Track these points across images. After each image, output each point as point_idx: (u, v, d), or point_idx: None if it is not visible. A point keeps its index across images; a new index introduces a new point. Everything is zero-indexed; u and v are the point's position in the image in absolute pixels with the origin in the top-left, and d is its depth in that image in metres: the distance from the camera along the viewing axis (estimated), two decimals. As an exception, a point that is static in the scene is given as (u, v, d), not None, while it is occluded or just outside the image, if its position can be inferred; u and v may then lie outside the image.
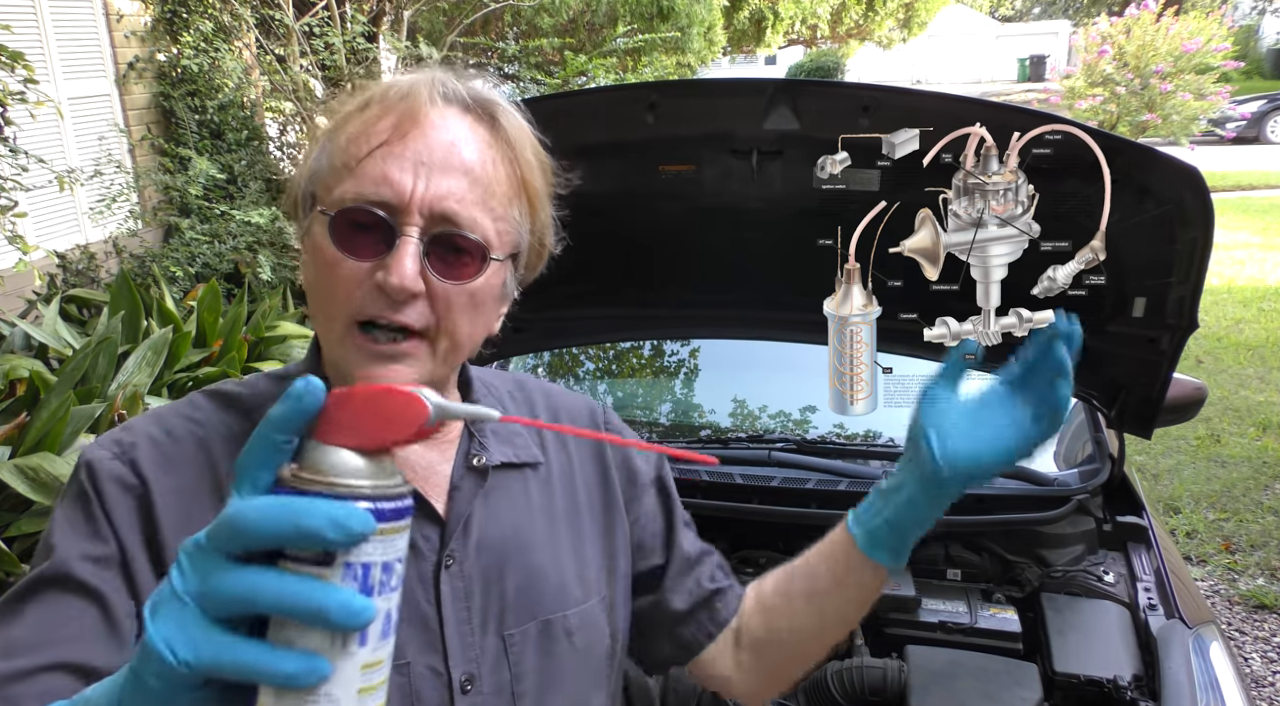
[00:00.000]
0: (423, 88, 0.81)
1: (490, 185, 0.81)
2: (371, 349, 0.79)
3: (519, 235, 0.86)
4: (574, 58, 6.73)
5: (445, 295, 0.80)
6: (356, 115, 0.82)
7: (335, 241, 0.78)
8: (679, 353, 2.89)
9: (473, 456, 0.91)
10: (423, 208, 0.77)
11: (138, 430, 0.84)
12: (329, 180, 0.81)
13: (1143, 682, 1.60)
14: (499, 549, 0.89)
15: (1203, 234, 1.52)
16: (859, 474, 2.02)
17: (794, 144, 1.65)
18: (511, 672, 0.87)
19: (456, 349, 0.83)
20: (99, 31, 6.14)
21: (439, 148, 0.79)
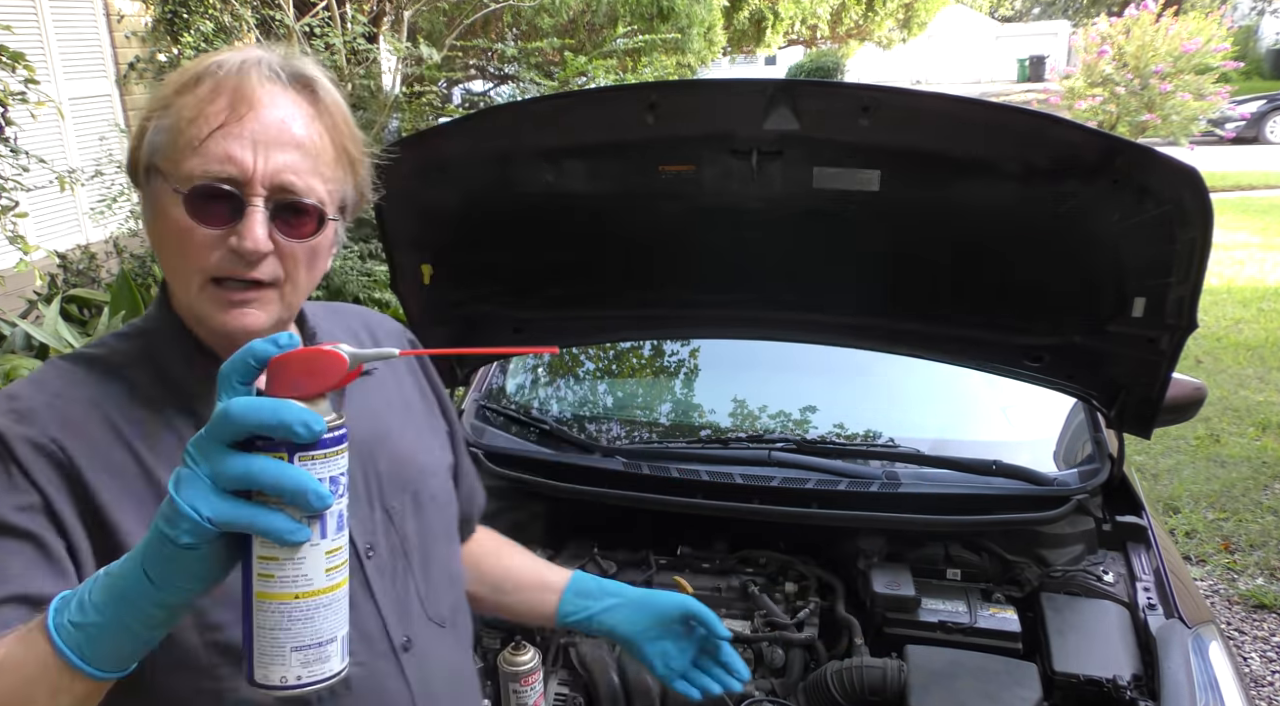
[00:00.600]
0: (251, 69, 0.91)
1: (319, 154, 0.94)
2: (227, 298, 0.92)
3: (345, 192, 0.99)
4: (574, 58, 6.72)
5: (291, 252, 0.93)
6: (190, 91, 0.90)
7: (190, 214, 0.89)
8: (679, 352, 2.89)
9: None
10: (265, 180, 0.89)
11: (25, 398, 0.91)
12: (173, 156, 0.90)
13: (1142, 682, 1.60)
14: (365, 440, 1.05)
15: (1202, 234, 1.52)
16: (859, 474, 2.02)
17: (794, 144, 1.65)
18: (399, 537, 1.06)
19: (299, 294, 0.98)
20: (100, 32, 6.14)
21: (272, 126, 0.90)
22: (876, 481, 1.99)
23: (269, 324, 0.94)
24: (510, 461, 2.11)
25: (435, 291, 1.96)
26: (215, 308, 0.92)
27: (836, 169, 1.69)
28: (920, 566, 1.94)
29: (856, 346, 2.09)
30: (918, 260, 1.91)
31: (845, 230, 1.87)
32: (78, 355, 0.98)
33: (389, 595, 1.03)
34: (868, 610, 1.86)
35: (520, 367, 2.73)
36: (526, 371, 2.76)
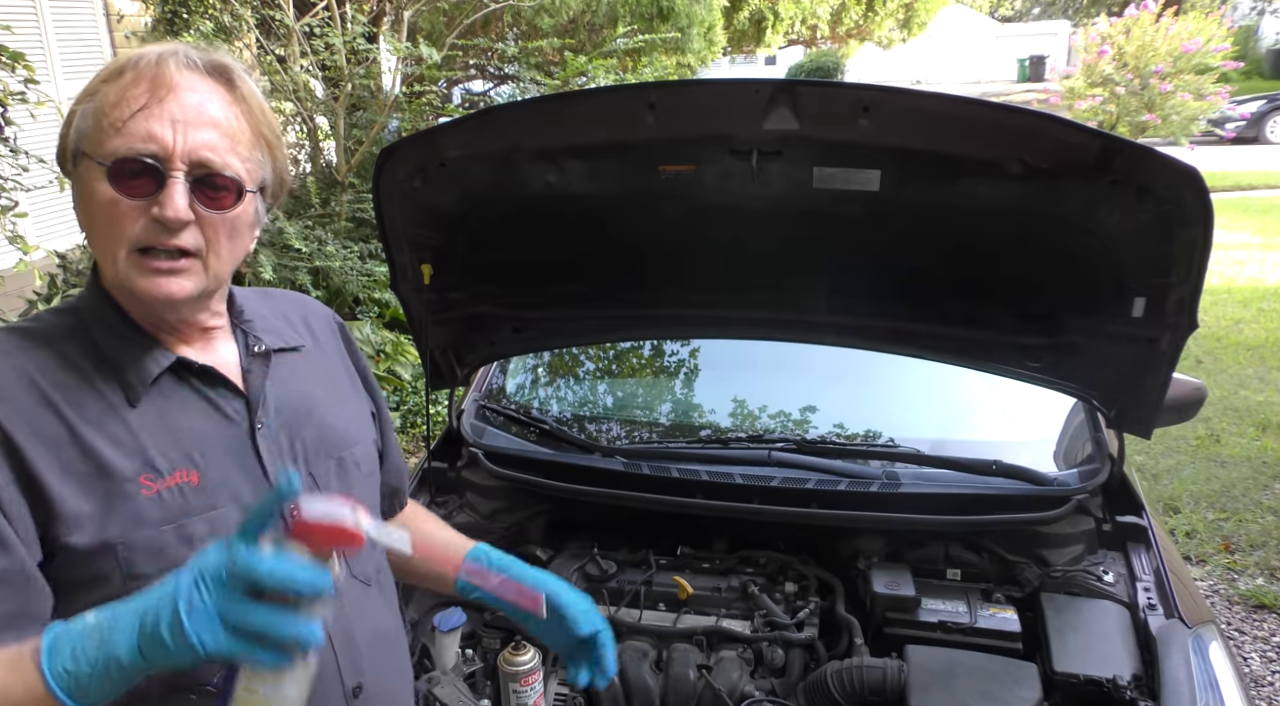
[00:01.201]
0: (169, 58, 0.99)
1: (235, 134, 1.01)
2: (153, 266, 0.98)
3: (263, 173, 1.07)
4: (574, 58, 6.72)
5: (211, 221, 1.00)
6: (113, 81, 0.98)
7: (114, 185, 0.96)
8: (679, 352, 2.89)
9: (252, 345, 1.14)
10: (184, 156, 0.96)
11: None
12: (98, 137, 0.97)
13: (1142, 682, 1.60)
14: (292, 410, 1.14)
15: (1202, 234, 1.52)
16: (859, 474, 2.02)
17: (794, 144, 1.65)
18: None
19: (222, 265, 1.04)
20: (99, 32, 6.14)
21: (190, 107, 0.98)
22: (876, 481, 1.99)
23: (194, 292, 1.01)
24: (510, 461, 2.11)
25: (435, 291, 1.96)
26: (141, 275, 0.98)
27: (836, 169, 1.69)
28: (920, 566, 1.94)
29: (856, 346, 2.09)
30: (918, 260, 1.91)
31: (845, 230, 1.87)
32: (10, 327, 1.05)
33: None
34: (868, 610, 1.86)
35: (520, 368, 2.73)
36: (526, 371, 2.76)
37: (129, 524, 0.96)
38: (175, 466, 1.01)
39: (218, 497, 1.03)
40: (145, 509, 0.98)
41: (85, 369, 1.01)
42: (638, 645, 1.81)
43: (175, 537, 0.99)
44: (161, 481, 0.99)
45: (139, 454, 0.99)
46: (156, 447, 1.01)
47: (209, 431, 1.06)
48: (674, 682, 1.73)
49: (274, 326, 1.20)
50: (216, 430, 1.06)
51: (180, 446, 1.02)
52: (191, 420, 1.05)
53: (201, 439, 1.05)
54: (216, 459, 1.05)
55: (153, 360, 1.03)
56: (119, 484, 0.97)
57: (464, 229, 1.92)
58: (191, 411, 1.06)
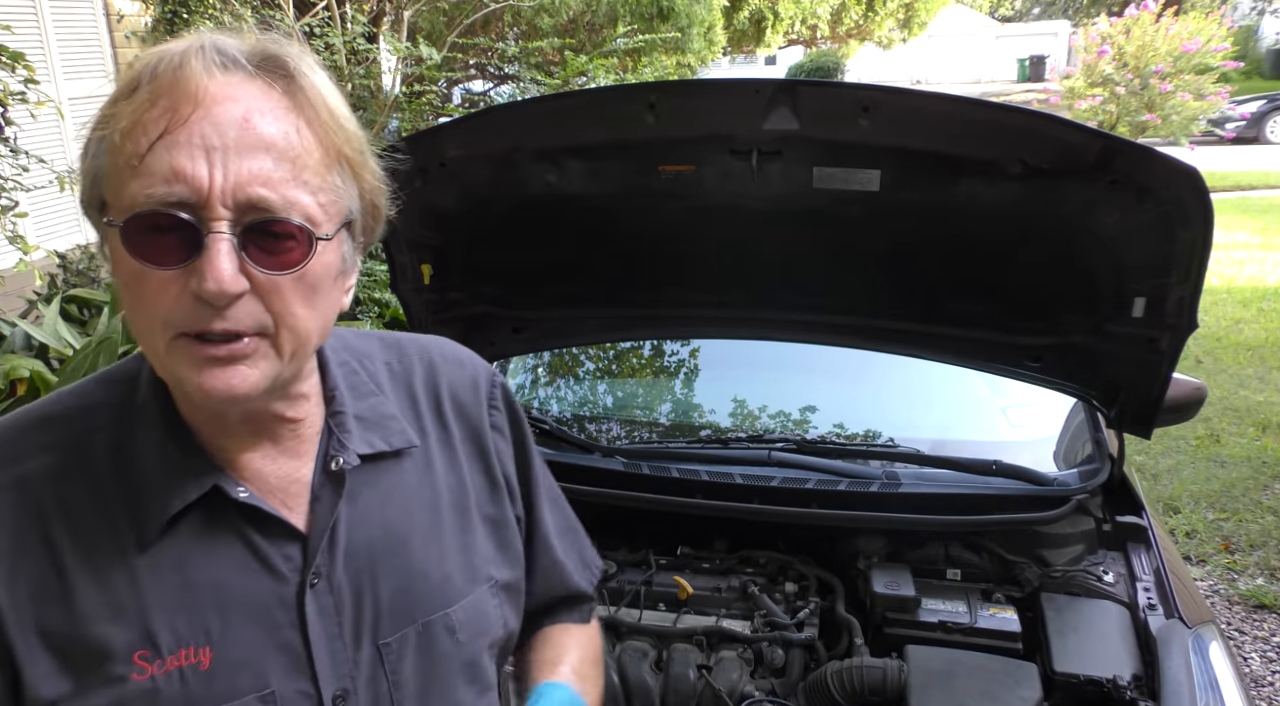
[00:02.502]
0: (193, 57, 0.71)
1: (299, 156, 0.72)
2: (205, 354, 0.71)
3: (347, 202, 0.77)
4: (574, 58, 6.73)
5: (275, 288, 0.72)
6: (125, 101, 0.71)
7: (133, 253, 0.69)
8: (679, 352, 2.89)
9: (331, 458, 0.84)
10: (225, 199, 0.68)
11: None
12: (114, 181, 0.71)
13: (1142, 682, 1.60)
14: (369, 553, 0.84)
15: (1202, 234, 1.52)
16: (859, 474, 2.02)
17: (794, 144, 1.65)
18: (389, 681, 0.84)
19: (302, 343, 0.76)
20: (99, 32, 6.14)
21: (230, 125, 0.69)
22: (876, 481, 1.99)
23: (263, 385, 0.74)
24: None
25: (435, 291, 1.96)
26: (189, 367, 0.71)
27: (836, 169, 1.69)
28: (920, 566, 1.94)
29: (857, 346, 2.09)
30: (917, 260, 1.91)
31: (845, 230, 1.87)
32: (42, 414, 0.81)
33: None
34: (868, 610, 1.86)
35: (520, 367, 2.73)
36: (526, 371, 2.76)
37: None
38: (181, 642, 0.76)
39: (232, 686, 0.77)
40: (133, 700, 0.74)
41: (106, 485, 0.78)
42: (638, 645, 1.81)
43: None
44: (160, 663, 0.75)
45: (137, 622, 0.75)
46: (161, 612, 0.76)
47: (239, 590, 0.78)
48: (674, 682, 1.73)
49: (378, 414, 0.89)
50: (250, 588, 0.79)
51: (193, 612, 0.77)
52: (218, 572, 0.78)
53: (226, 601, 0.78)
54: (241, 629, 0.78)
55: (177, 489, 0.77)
56: (106, 663, 0.74)
57: (464, 229, 1.92)
58: (221, 559, 0.78)
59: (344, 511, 0.83)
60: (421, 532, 0.89)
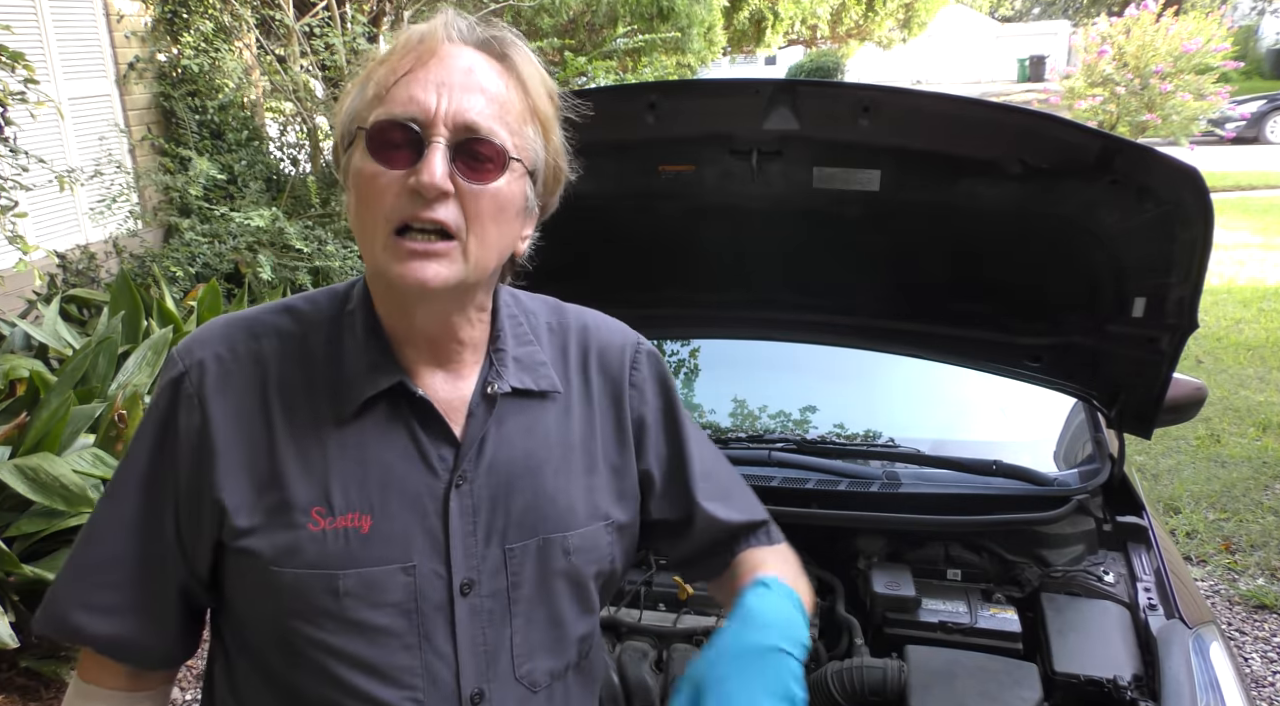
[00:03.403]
0: (439, 27, 0.91)
1: (505, 104, 0.90)
2: (408, 248, 0.87)
3: (535, 153, 0.94)
4: (574, 58, 6.72)
5: (473, 196, 0.88)
6: (384, 61, 0.91)
7: (373, 154, 0.87)
8: (679, 352, 2.89)
9: (489, 384, 0.99)
10: (446, 120, 0.86)
11: (209, 345, 0.96)
12: (364, 112, 0.90)
13: (1143, 682, 1.60)
14: (508, 470, 0.98)
15: (1202, 234, 1.52)
16: (859, 474, 2.01)
17: (794, 144, 1.65)
18: (509, 581, 0.97)
19: (485, 252, 0.91)
20: (99, 31, 6.13)
21: (457, 72, 0.89)
22: (876, 481, 1.98)
23: (451, 280, 0.88)
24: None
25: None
26: (395, 260, 0.87)
27: (836, 169, 1.69)
28: (920, 566, 1.94)
29: (857, 346, 2.09)
30: (917, 260, 1.91)
31: (845, 230, 1.87)
32: (284, 305, 1.00)
33: (475, 640, 0.96)
34: (868, 610, 1.86)
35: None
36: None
37: (284, 553, 0.91)
38: (350, 507, 0.92)
39: (383, 553, 0.92)
40: (305, 544, 0.91)
41: (315, 370, 0.96)
42: (638, 645, 1.81)
43: (321, 586, 0.91)
44: (331, 520, 0.91)
45: (320, 483, 0.92)
46: (339, 480, 0.92)
47: (401, 474, 0.94)
48: (674, 683, 1.73)
49: (534, 359, 1.04)
50: (410, 475, 0.94)
51: (363, 484, 0.93)
52: (388, 456, 0.94)
53: (389, 481, 0.93)
54: (397, 508, 0.93)
55: (371, 381, 0.94)
56: (291, 511, 0.91)
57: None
58: (392, 447, 0.94)
59: (492, 430, 0.98)
60: (554, 464, 1.01)
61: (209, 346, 0.96)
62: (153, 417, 0.96)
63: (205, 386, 0.93)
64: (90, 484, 2.76)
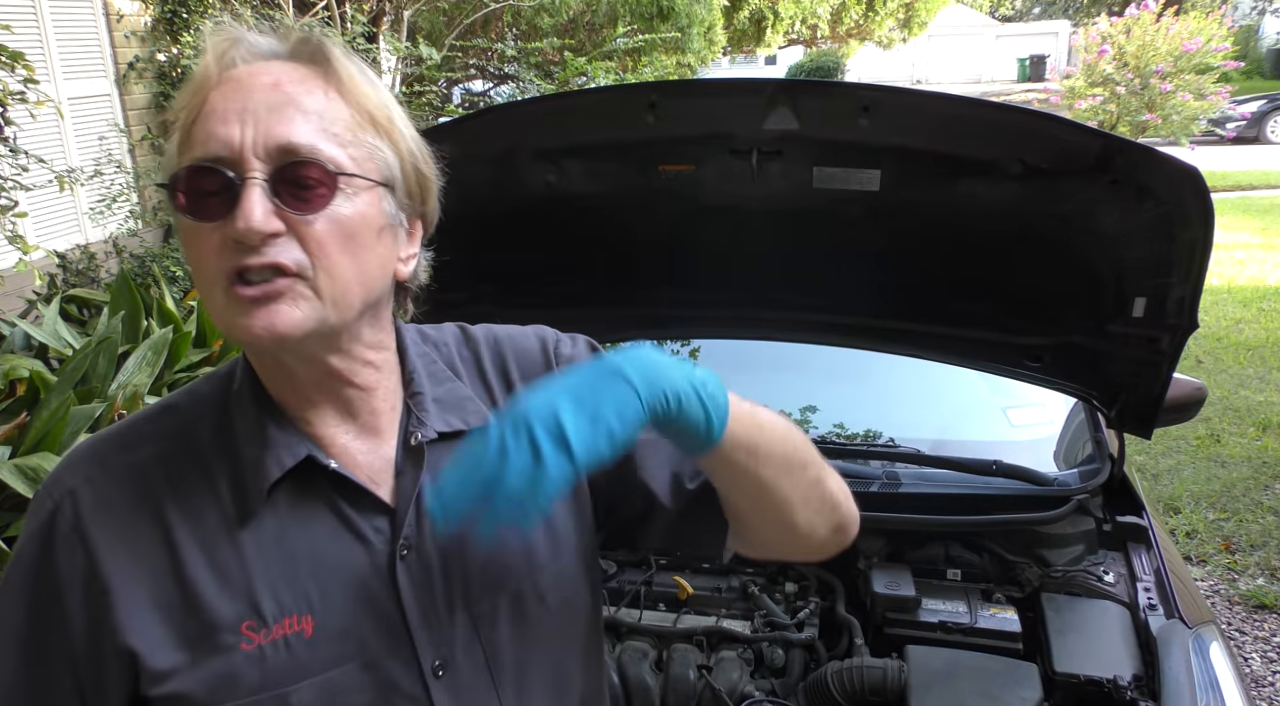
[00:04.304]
0: (230, 47, 0.79)
1: (325, 113, 0.78)
2: (246, 295, 0.74)
3: (382, 162, 0.81)
4: (574, 58, 6.72)
5: (309, 230, 0.75)
6: (184, 100, 0.79)
7: (183, 209, 0.76)
8: (679, 353, 2.89)
9: (410, 434, 0.87)
10: (257, 149, 0.74)
11: (79, 470, 0.82)
12: (172, 166, 0.78)
13: (1143, 682, 1.60)
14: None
15: (1203, 234, 1.52)
16: (858, 474, 2.02)
17: (794, 144, 1.65)
18: (485, 650, 0.86)
19: (342, 286, 0.78)
20: (99, 31, 6.13)
21: (259, 91, 0.76)
22: (877, 481, 1.98)
23: (305, 324, 0.76)
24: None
25: (434, 291, 1.96)
26: (237, 314, 0.75)
27: (836, 169, 1.69)
28: (920, 566, 1.94)
29: (856, 346, 2.09)
30: (917, 260, 1.91)
31: (845, 230, 1.86)
32: (160, 405, 0.88)
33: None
34: (868, 610, 1.86)
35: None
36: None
37: (221, 686, 0.78)
38: (285, 611, 0.79)
39: (335, 654, 0.80)
40: (241, 669, 0.78)
41: (208, 466, 0.83)
42: (638, 645, 1.81)
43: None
44: (266, 632, 0.78)
45: (244, 593, 0.79)
46: (266, 583, 0.79)
47: (335, 560, 0.82)
48: (674, 683, 1.73)
49: (455, 397, 0.92)
50: (345, 558, 0.82)
51: (294, 581, 0.80)
52: (314, 543, 0.82)
53: (323, 571, 0.81)
54: (339, 599, 0.81)
55: (274, 460, 0.81)
56: (217, 634, 0.78)
57: (462, 229, 1.91)
58: (317, 530, 0.82)
59: (427, 484, 0.85)
60: None
61: (78, 472, 0.82)
62: (23, 570, 0.81)
63: (83, 518, 0.79)
64: (90, 484, 2.76)
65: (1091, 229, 1.69)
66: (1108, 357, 1.86)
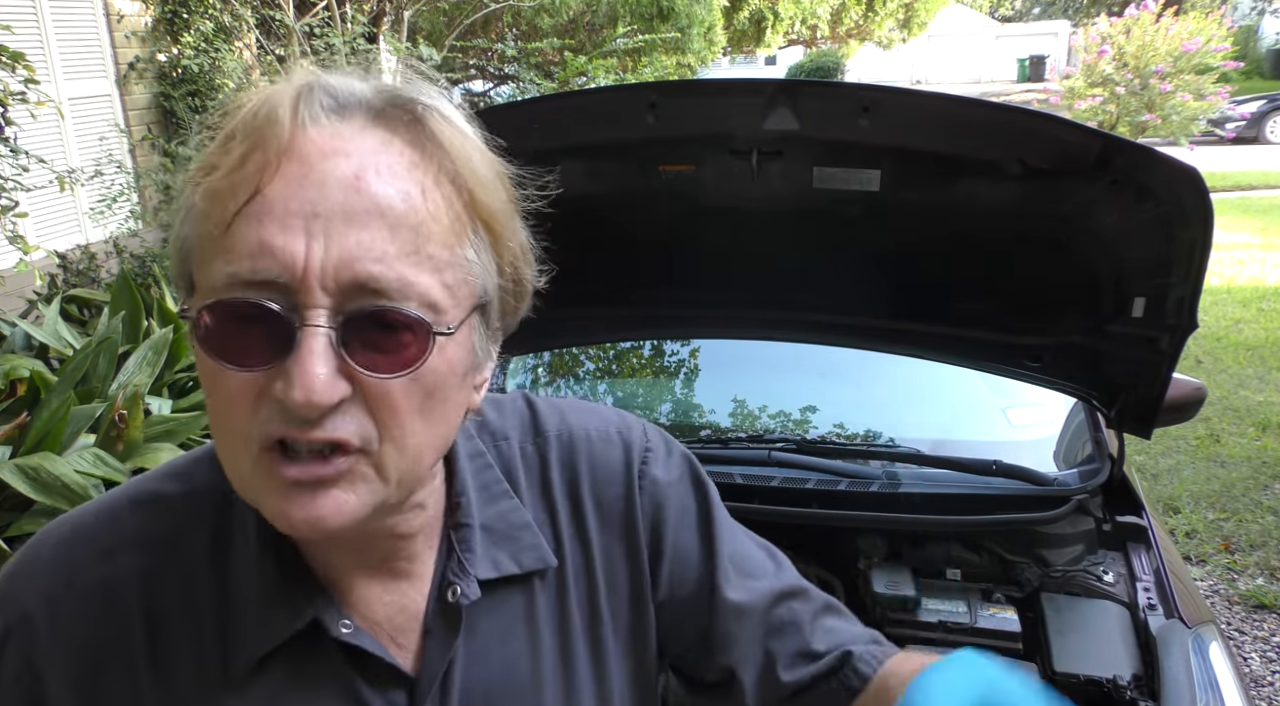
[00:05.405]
0: (299, 101, 0.57)
1: (423, 224, 0.57)
2: (289, 477, 0.56)
3: (481, 280, 0.62)
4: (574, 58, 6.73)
5: (384, 393, 0.57)
6: (220, 156, 0.57)
7: (209, 350, 0.55)
8: (679, 352, 2.89)
9: (448, 586, 0.69)
10: (325, 279, 0.54)
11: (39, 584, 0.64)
12: (199, 256, 0.57)
13: (1142, 682, 1.60)
14: (485, 699, 0.70)
15: (1202, 234, 1.52)
16: (859, 474, 2.02)
17: (794, 144, 1.65)
18: None
19: (412, 465, 0.60)
20: (99, 32, 6.14)
21: (337, 186, 0.55)
22: (876, 481, 1.99)
23: (361, 514, 0.58)
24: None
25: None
26: (273, 493, 0.57)
27: (836, 169, 1.69)
28: (920, 566, 1.94)
29: (857, 346, 2.09)
30: (917, 260, 1.91)
31: (845, 230, 1.87)
32: (150, 494, 0.69)
33: None
34: (868, 610, 1.86)
35: (520, 368, 2.73)
36: (526, 371, 2.76)
37: None
38: None
39: None
40: None
41: (200, 600, 0.65)
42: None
43: None
44: None
45: None
46: None
47: None
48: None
49: (509, 523, 0.73)
50: None
51: None
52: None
53: None
54: None
55: (271, 622, 0.64)
56: None
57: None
58: (319, 704, 0.65)
59: (460, 651, 0.69)
60: (549, 672, 0.73)
61: (36, 586, 0.64)
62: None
63: (37, 654, 0.62)
64: (91, 483, 2.76)
65: (1091, 229, 1.69)
66: (1108, 358, 1.86)
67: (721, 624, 0.78)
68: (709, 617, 0.78)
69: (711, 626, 0.78)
